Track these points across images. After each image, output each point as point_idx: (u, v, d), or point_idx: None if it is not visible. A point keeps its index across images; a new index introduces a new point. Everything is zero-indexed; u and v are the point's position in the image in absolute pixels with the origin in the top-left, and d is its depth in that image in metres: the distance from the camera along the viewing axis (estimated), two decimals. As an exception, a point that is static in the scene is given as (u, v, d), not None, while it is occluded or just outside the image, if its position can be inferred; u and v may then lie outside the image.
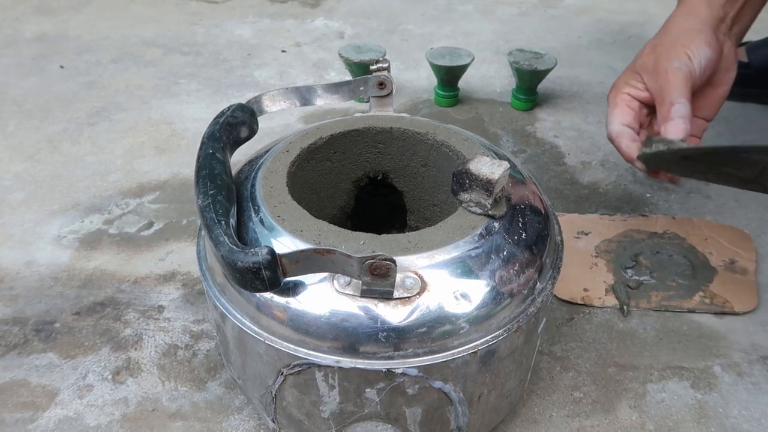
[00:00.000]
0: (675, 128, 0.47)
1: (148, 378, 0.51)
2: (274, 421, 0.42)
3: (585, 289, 0.59)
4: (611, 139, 0.53)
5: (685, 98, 0.48)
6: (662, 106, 0.49)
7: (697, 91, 0.51)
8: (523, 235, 0.39)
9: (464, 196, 0.38)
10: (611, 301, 0.58)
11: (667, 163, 0.49)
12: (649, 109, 0.53)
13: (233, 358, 0.43)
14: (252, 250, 0.32)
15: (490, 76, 0.98)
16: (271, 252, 0.32)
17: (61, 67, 1.01)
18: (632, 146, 0.50)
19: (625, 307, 0.57)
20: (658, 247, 0.63)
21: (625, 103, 0.53)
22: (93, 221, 0.69)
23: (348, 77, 0.91)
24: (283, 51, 1.07)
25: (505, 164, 0.37)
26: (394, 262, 0.32)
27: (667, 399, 0.50)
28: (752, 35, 0.70)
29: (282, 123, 0.85)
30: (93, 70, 1.00)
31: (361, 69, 0.85)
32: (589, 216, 0.68)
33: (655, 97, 0.50)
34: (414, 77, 0.98)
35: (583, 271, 0.61)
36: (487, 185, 0.36)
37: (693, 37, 0.50)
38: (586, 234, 0.65)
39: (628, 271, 0.60)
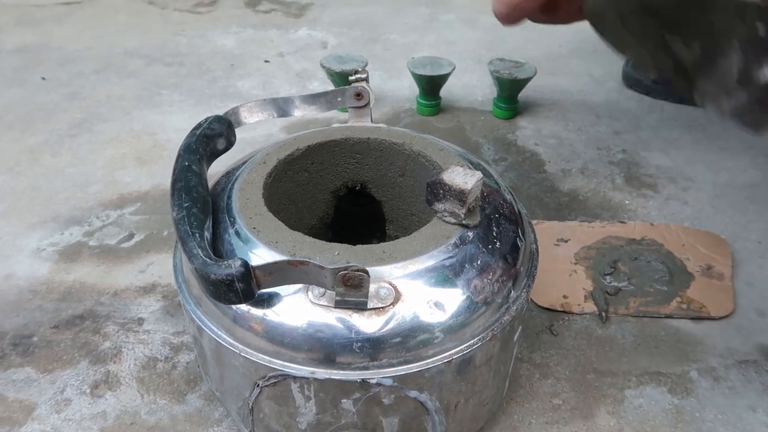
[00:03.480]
0: None
1: (127, 391, 0.51)
2: (252, 433, 0.42)
3: (564, 296, 0.59)
4: None
5: None
6: None
7: None
8: (498, 244, 0.39)
9: (438, 206, 0.38)
10: (590, 307, 0.58)
11: (616, 15, 0.43)
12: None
13: (211, 370, 0.43)
14: (225, 262, 0.32)
15: (472, 85, 0.99)
16: (245, 264, 0.32)
17: (43, 78, 1.00)
18: None
19: (603, 314, 0.58)
20: (637, 254, 0.63)
21: None
22: (73, 233, 0.68)
23: (331, 87, 0.91)
24: (266, 61, 1.07)
25: (479, 174, 0.37)
26: (366, 272, 0.32)
27: (644, 404, 0.50)
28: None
29: (264, 133, 0.85)
30: (75, 81, 1.00)
31: (343, 79, 0.86)
32: (568, 223, 0.68)
33: None
34: (396, 86, 0.99)
35: (563, 278, 0.61)
36: (460, 195, 0.37)
37: None
38: (566, 241, 0.65)
39: (607, 277, 0.61)
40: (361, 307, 0.34)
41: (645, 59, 0.42)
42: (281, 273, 0.33)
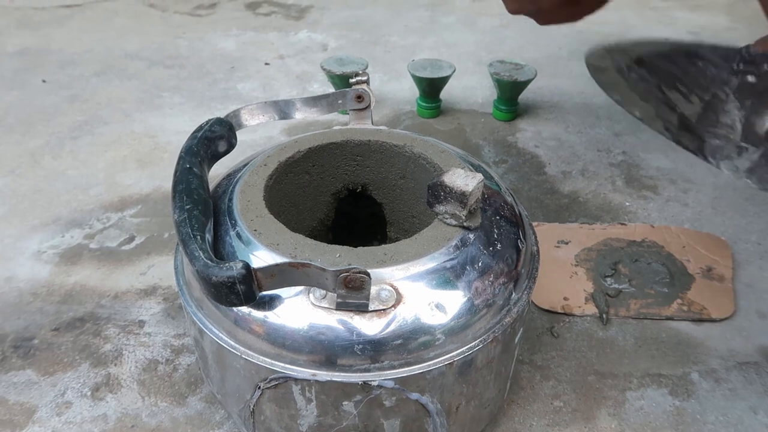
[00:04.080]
0: None
1: (128, 394, 0.51)
2: (253, 436, 0.42)
3: (565, 298, 0.59)
4: None
5: None
6: None
7: None
8: (498, 246, 0.39)
9: (439, 208, 0.38)
10: (591, 309, 0.58)
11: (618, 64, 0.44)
12: None
13: (212, 372, 0.43)
14: (226, 264, 0.32)
15: (472, 87, 0.99)
16: (246, 266, 0.32)
17: (44, 81, 1.00)
18: None
19: (604, 316, 0.58)
20: (637, 255, 0.63)
21: None
22: (74, 236, 0.68)
23: (331, 89, 0.91)
24: (266, 63, 1.07)
25: (479, 176, 0.37)
26: (368, 274, 0.32)
27: (645, 406, 0.50)
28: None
29: (265, 135, 0.85)
30: (75, 84, 1.00)
31: (343, 81, 0.86)
32: (569, 225, 0.68)
33: None
34: (397, 88, 0.99)
35: (563, 280, 0.61)
36: (461, 197, 0.37)
37: None
38: (566, 243, 0.65)
39: (608, 279, 0.61)
40: (362, 309, 0.34)
41: (652, 115, 0.42)
42: (282, 275, 0.33)
